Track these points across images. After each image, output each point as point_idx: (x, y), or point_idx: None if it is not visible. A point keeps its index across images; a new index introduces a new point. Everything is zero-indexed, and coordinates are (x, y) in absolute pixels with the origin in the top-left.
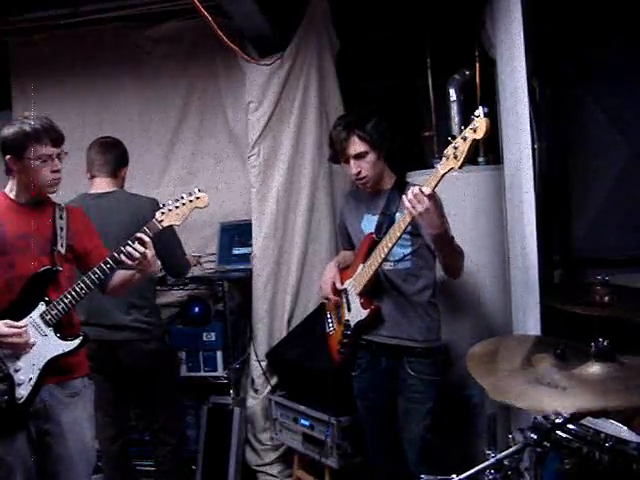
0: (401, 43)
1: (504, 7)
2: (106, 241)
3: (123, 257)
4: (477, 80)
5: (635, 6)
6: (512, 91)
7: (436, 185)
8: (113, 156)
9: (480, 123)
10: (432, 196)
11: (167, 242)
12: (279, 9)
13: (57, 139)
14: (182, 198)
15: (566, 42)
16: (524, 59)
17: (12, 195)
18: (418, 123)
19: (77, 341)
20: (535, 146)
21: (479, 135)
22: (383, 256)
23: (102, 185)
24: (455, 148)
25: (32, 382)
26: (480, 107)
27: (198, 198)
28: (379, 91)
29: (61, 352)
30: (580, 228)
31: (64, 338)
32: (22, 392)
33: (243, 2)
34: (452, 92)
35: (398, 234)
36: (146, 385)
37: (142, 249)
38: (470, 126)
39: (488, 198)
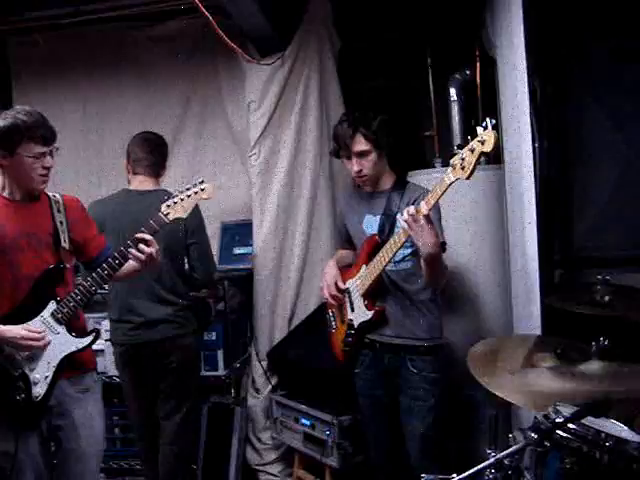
0: (402, 43)
1: (504, 7)
2: None
3: (131, 256)
4: (477, 80)
5: (635, 6)
6: (512, 91)
7: (441, 195)
8: (159, 157)
9: (488, 136)
10: (428, 216)
11: (201, 244)
12: (279, 9)
13: (49, 136)
14: (187, 190)
15: (566, 42)
16: (524, 59)
17: (5, 193)
18: (418, 123)
19: (90, 337)
20: (535, 146)
21: (487, 148)
22: (385, 263)
23: (145, 183)
24: (462, 159)
25: (48, 380)
26: (487, 119)
27: (203, 190)
28: (379, 91)
29: (75, 349)
30: (580, 228)
31: (76, 335)
32: (39, 390)
33: (243, 2)
34: (452, 92)
35: (394, 250)
36: (178, 380)
37: (148, 250)
38: (478, 138)
39: (488, 198)
